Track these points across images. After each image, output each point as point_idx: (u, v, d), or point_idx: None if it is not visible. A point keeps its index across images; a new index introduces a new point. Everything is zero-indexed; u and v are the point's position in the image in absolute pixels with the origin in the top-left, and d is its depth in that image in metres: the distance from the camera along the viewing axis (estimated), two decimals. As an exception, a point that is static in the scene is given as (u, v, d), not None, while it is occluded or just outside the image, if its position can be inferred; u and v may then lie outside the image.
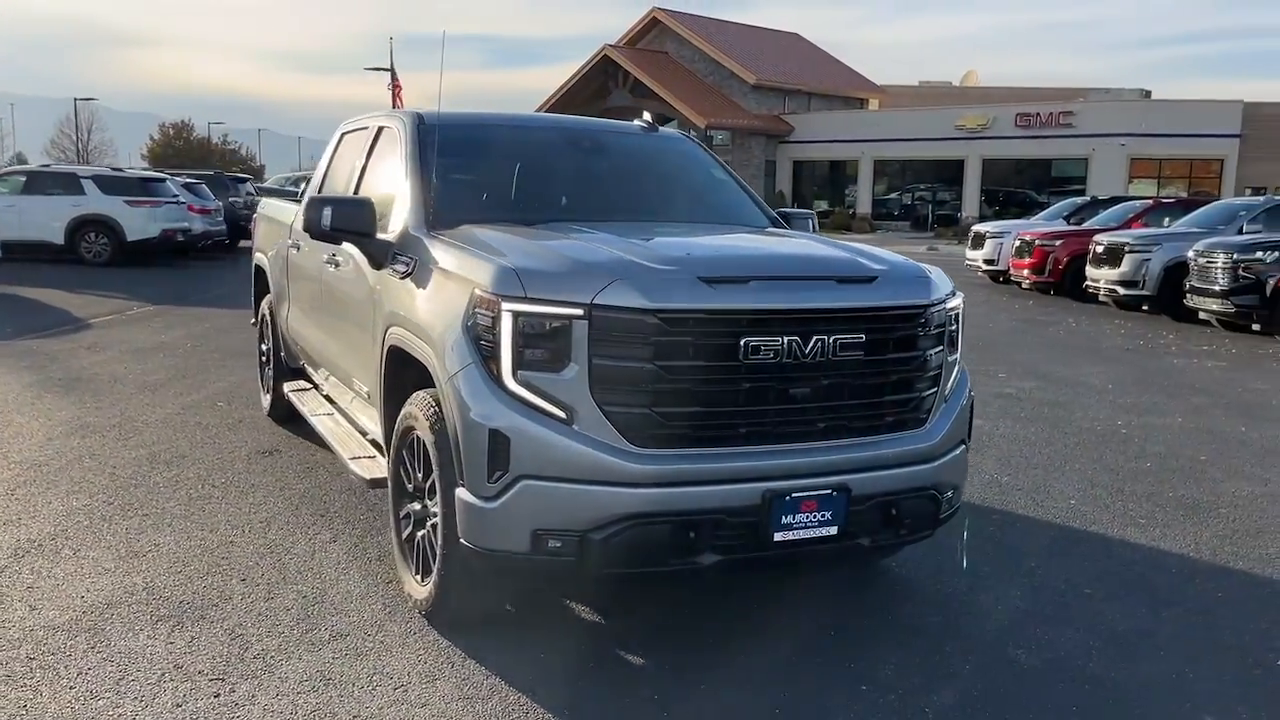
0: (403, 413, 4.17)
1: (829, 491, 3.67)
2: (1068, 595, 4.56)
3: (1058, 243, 18.53)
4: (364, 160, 5.49)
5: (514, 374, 3.52)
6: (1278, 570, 4.93)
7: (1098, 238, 17.00)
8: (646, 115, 5.74)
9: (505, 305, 3.51)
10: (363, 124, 5.90)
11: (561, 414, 3.49)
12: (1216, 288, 14.12)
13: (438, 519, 3.91)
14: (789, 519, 3.62)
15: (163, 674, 3.63)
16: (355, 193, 5.42)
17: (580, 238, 4.13)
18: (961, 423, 4.15)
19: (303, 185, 6.69)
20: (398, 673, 3.68)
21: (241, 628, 4.01)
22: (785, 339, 3.58)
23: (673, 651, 3.90)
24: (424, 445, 3.99)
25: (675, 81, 46.34)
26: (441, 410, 3.82)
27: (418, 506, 4.19)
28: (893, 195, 46.76)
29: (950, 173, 44.78)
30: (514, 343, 3.51)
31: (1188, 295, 14.55)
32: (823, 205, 46.06)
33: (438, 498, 3.85)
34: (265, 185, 27.96)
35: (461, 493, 3.64)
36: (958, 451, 4.12)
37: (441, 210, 4.51)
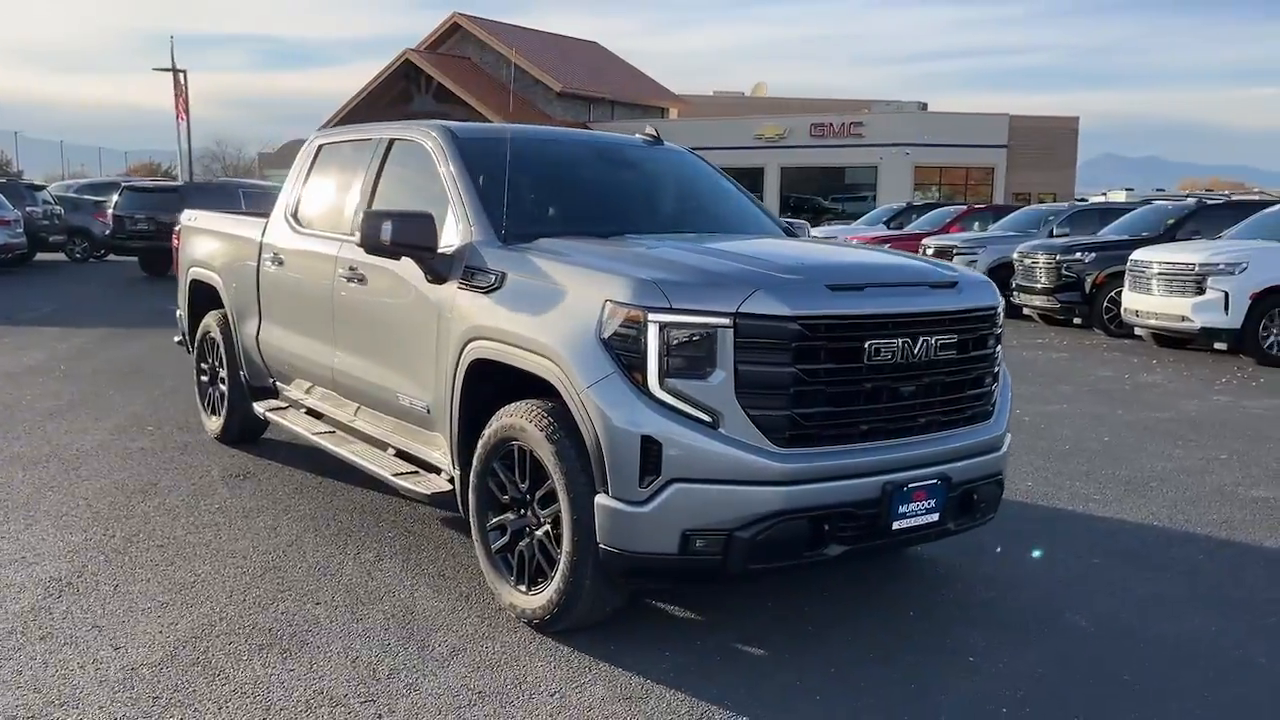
0: (497, 425, 4.21)
1: (935, 481, 4.00)
2: (1080, 567, 5.06)
3: (886, 247, 19.73)
4: (374, 174, 5.41)
5: (661, 382, 3.66)
6: (1235, 532, 5.62)
7: (925, 241, 18.25)
8: (650, 128, 5.90)
9: (652, 316, 3.65)
10: (360, 136, 5.80)
11: (708, 418, 3.65)
12: (1040, 286, 15.50)
13: (550, 527, 4.00)
14: (904, 509, 3.92)
15: (309, 700, 3.56)
16: (369, 207, 5.35)
17: (676, 250, 4.29)
18: (1008, 414, 4.57)
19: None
20: (544, 681, 3.74)
21: (353, 650, 3.95)
22: (899, 341, 3.88)
23: (785, 640, 4.12)
24: (531, 455, 4.05)
25: (480, 88, 46.08)
26: (561, 420, 3.90)
27: (514, 517, 4.24)
28: (698, 201, 48.10)
29: (750, 180, 46.54)
30: (661, 352, 3.65)
31: (1014, 293, 15.84)
32: (630, 211, 46.87)
33: (558, 506, 3.92)
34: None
35: (603, 499, 3.74)
36: (1009, 439, 4.54)
37: (508, 224, 4.55)
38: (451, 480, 4.72)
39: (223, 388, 6.95)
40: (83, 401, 8.42)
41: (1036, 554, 5.22)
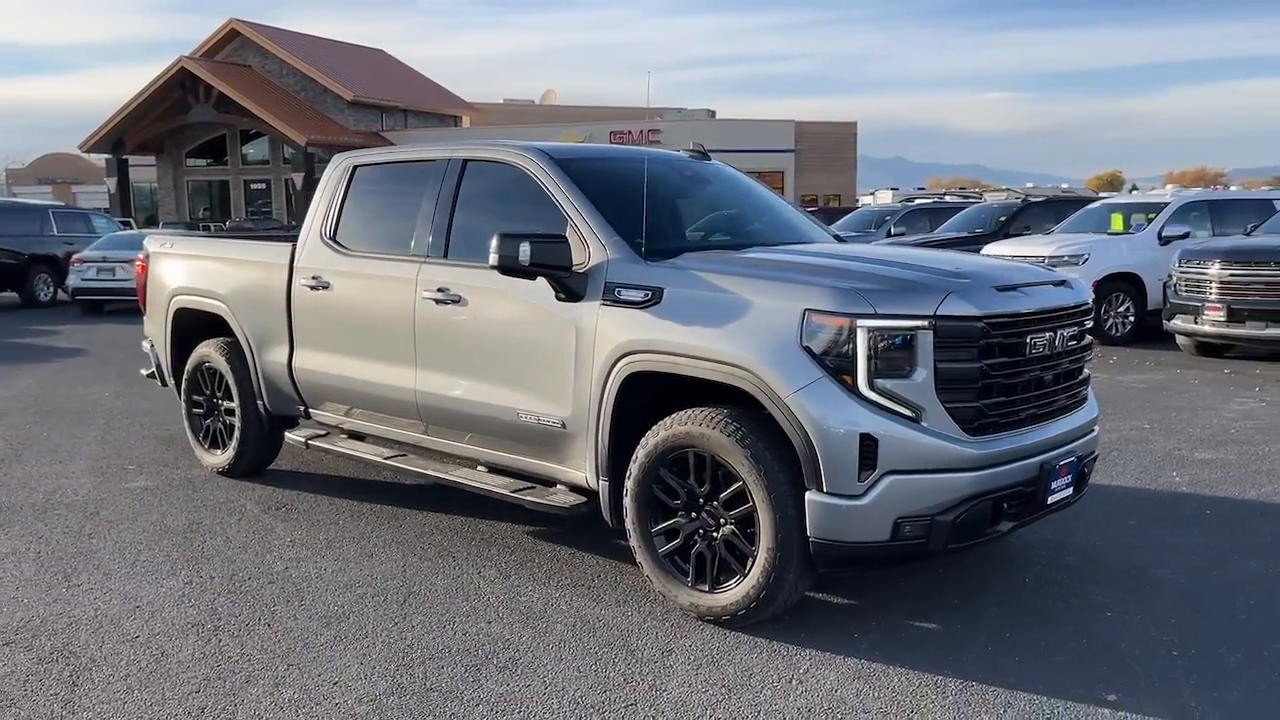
0: (666, 433, 4.39)
1: (1072, 459, 4.50)
2: (1123, 529, 5.69)
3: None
4: (450, 195, 5.40)
5: (870, 383, 3.97)
6: (1210, 488, 6.44)
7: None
8: (695, 143, 6.13)
9: (860, 322, 3.96)
10: (416, 157, 5.78)
11: (911, 413, 4.00)
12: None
13: (736, 526, 4.22)
14: (1054, 484, 4.40)
15: (569, 711, 3.65)
16: (449, 227, 5.37)
17: (838, 260, 4.61)
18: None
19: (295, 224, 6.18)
20: (773, 672, 3.97)
21: (568, 661, 4.05)
22: (1047, 334, 4.36)
23: (946, 615, 4.51)
24: (712, 460, 4.27)
25: (266, 97, 44.24)
26: (751, 424, 4.15)
27: (685, 520, 4.43)
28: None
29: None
30: (870, 355, 3.96)
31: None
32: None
33: (750, 505, 4.16)
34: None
35: (815, 496, 4.01)
36: None
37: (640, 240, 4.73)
38: (581, 491, 4.86)
39: (230, 419, 6.68)
40: (24, 445, 7.81)
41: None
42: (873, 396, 3.98)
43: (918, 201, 22.01)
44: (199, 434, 6.97)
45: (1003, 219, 16.33)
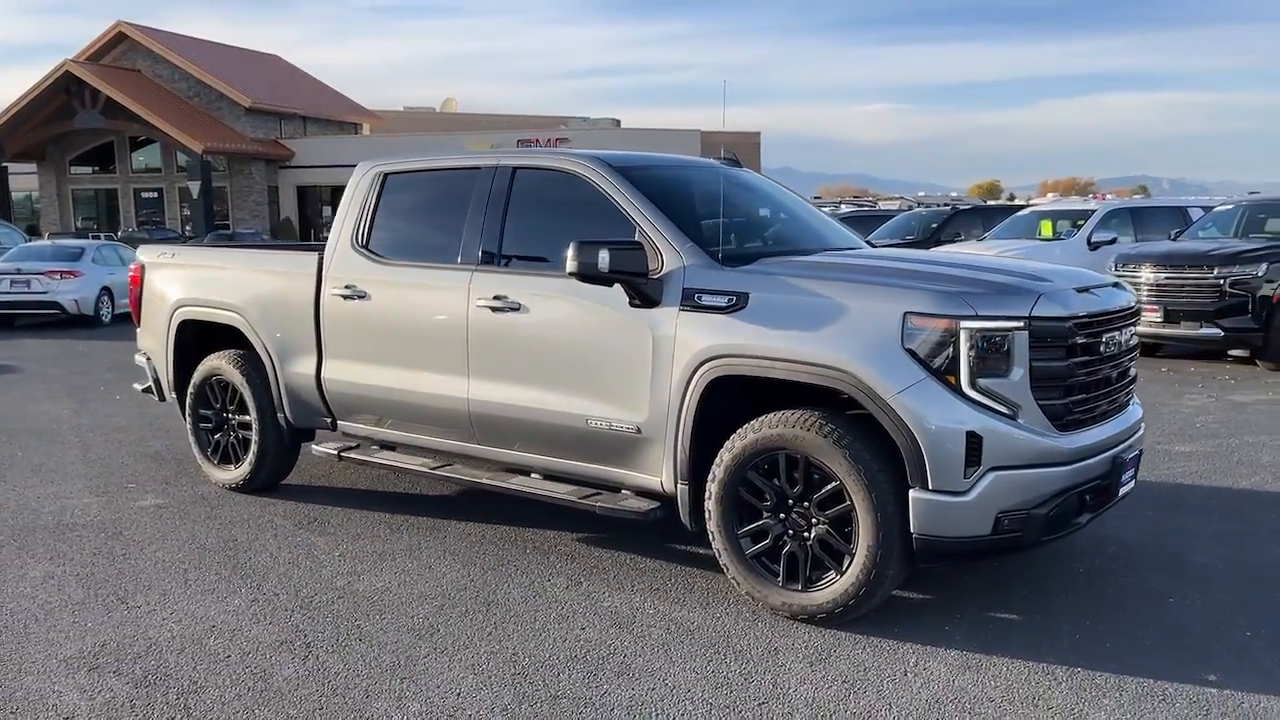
0: (754, 436, 4.46)
1: (1136, 453, 4.72)
2: (1145, 520, 5.94)
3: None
4: (501, 203, 5.37)
5: (973, 382, 4.11)
6: (1202, 478, 6.79)
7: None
8: (726, 150, 6.20)
9: (963, 324, 4.09)
10: (457, 165, 5.74)
11: (1009, 411, 4.15)
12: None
13: (830, 526, 4.32)
14: (1124, 477, 4.62)
15: (714, 711, 3.69)
16: (501, 235, 5.35)
17: (924, 265, 4.75)
18: None
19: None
20: (884, 667, 4.07)
21: (689, 661, 4.08)
22: (1116, 333, 4.57)
23: (1019, 605, 4.68)
24: (806, 461, 4.35)
25: (157, 102, 42.78)
26: (848, 424, 4.26)
27: (773, 521, 4.50)
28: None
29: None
30: (972, 355, 4.10)
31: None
32: (332, 231, 45.36)
33: (847, 505, 4.25)
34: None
35: (919, 493, 4.13)
36: None
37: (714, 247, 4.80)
38: (652, 495, 4.89)
39: (244, 434, 6.49)
40: (2, 467, 7.44)
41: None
42: (975, 395, 4.12)
43: (844, 209, 22.45)
44: (206, 449, 6.75)
45: (934, 225, 16.84)
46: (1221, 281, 11.62)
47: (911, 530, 4.17)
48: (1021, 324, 4.15)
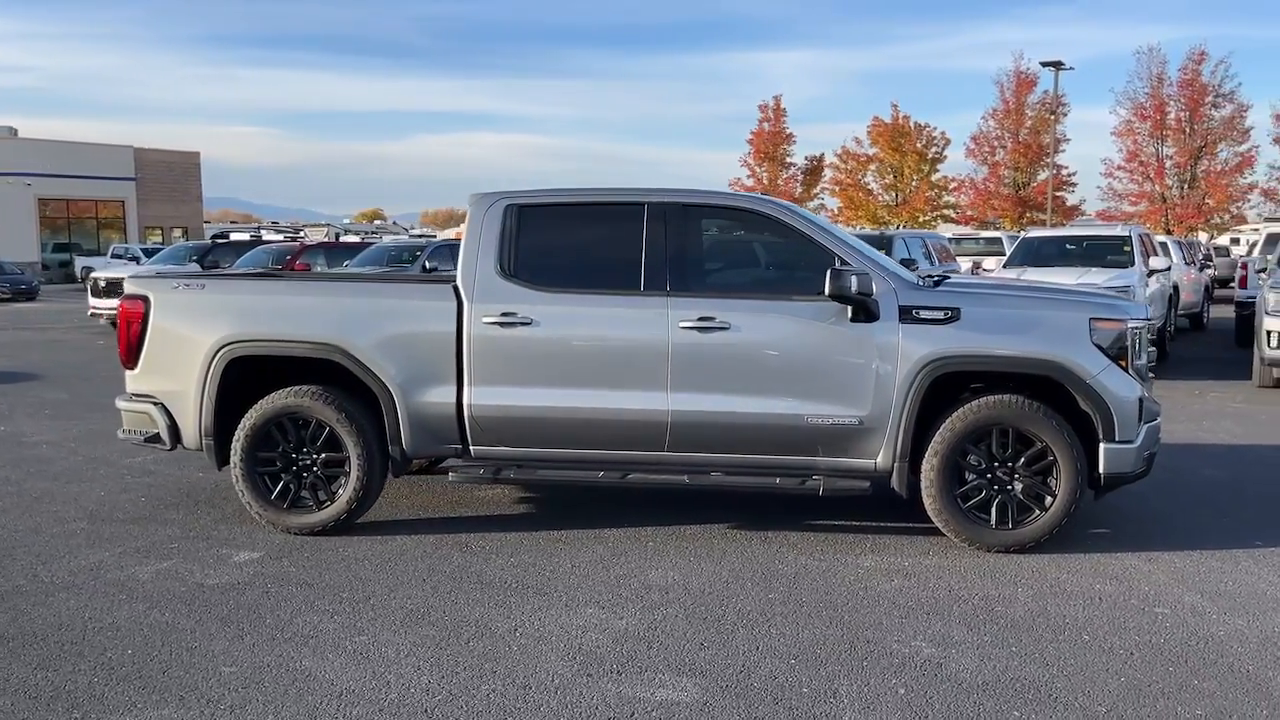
0: (973, 417, 5.82)
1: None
2: (1143, 503, 7.04)
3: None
4: (678, 237, 6.01)
5: (1132, 364, 5.91)
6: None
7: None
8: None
9: (1130, 325, 5.88)
10: (603, 200, 6.37)
11: (1144, 383, 6.02)
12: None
13: (1033, 478, 5.85)
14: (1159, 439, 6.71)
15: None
16: (687, 264, 6.04)
17: (1047, 286, 6.38)
18: None
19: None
20: (1143, 572, 5.68)
21: (1003, 633, 5.32)
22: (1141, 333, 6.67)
23: (1143, 530, 6.54)
24: (1015, 431, 5.82)
25: None
26: (1048, 401, 5.82)
27: (983, 481, 5.89)
28: None
29: None
30: (1132, 346, 5.90)
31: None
32: None
33: (1051, 459, 5.79)
34: None
35: (1108, 445, 5.79)
36: None
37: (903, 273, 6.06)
38: (861, 475, 5.98)
39: (333, 470, 6.13)
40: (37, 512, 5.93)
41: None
42: (1132, 374, 5.92)
43: (241, 236, 22.38)
44: (269, 495, 6.17)
45: (417, 254, 18.09)
46: None
47: (1100, 471, 5.84)
48: (1141, 324, 6.06)
